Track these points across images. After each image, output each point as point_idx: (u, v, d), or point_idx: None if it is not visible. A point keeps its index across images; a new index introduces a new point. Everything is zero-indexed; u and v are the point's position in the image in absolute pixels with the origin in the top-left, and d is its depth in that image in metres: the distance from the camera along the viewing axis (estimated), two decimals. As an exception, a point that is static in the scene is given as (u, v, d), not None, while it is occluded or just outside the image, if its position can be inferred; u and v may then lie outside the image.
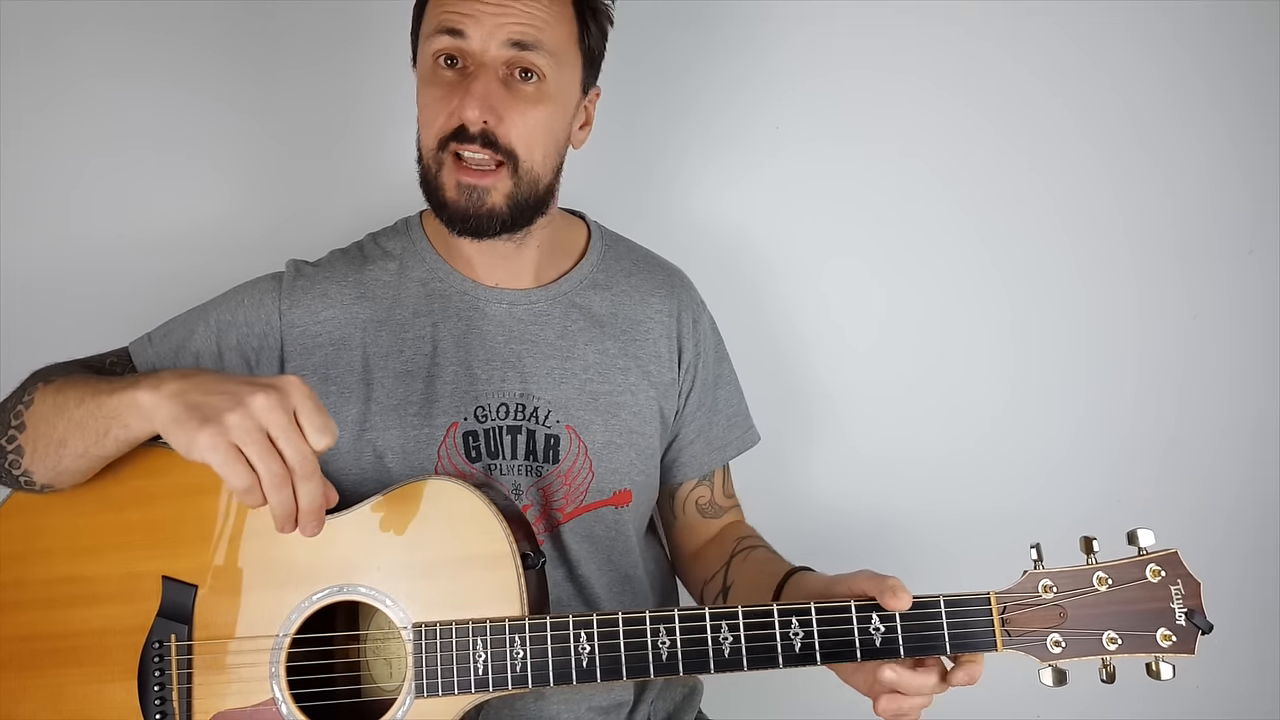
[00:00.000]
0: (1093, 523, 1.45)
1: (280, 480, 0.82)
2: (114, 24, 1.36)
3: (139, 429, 0.90)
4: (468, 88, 1.04)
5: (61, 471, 0.97)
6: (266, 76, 1.40)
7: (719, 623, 0.90)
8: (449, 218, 1.09)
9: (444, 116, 1.05)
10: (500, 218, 1.08)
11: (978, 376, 1.51)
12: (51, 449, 0.95)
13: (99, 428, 0.92)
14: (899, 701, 0.91)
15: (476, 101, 1.03)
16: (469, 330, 1.14)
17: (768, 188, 1.48)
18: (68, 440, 0.94)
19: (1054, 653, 0.88)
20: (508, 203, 1.07)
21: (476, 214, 1.07)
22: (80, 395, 0.95)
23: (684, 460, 1.25)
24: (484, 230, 1.08)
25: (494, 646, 0.92)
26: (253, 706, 0.95)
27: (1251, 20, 1.50)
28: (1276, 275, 1.54)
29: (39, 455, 0.97)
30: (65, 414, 0.95)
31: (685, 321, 1.23)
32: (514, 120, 1.05)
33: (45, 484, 0.99)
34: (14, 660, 0.98)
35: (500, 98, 1.04)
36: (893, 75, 1.47)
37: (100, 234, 1.36)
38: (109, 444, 0.93)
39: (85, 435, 0.93)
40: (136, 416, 0.89)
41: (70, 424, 0.94)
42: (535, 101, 1.06)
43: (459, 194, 1.06)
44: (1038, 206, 1.50)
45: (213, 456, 0.81)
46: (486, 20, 1.03)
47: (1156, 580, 0.89)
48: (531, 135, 1.06)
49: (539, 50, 1.05)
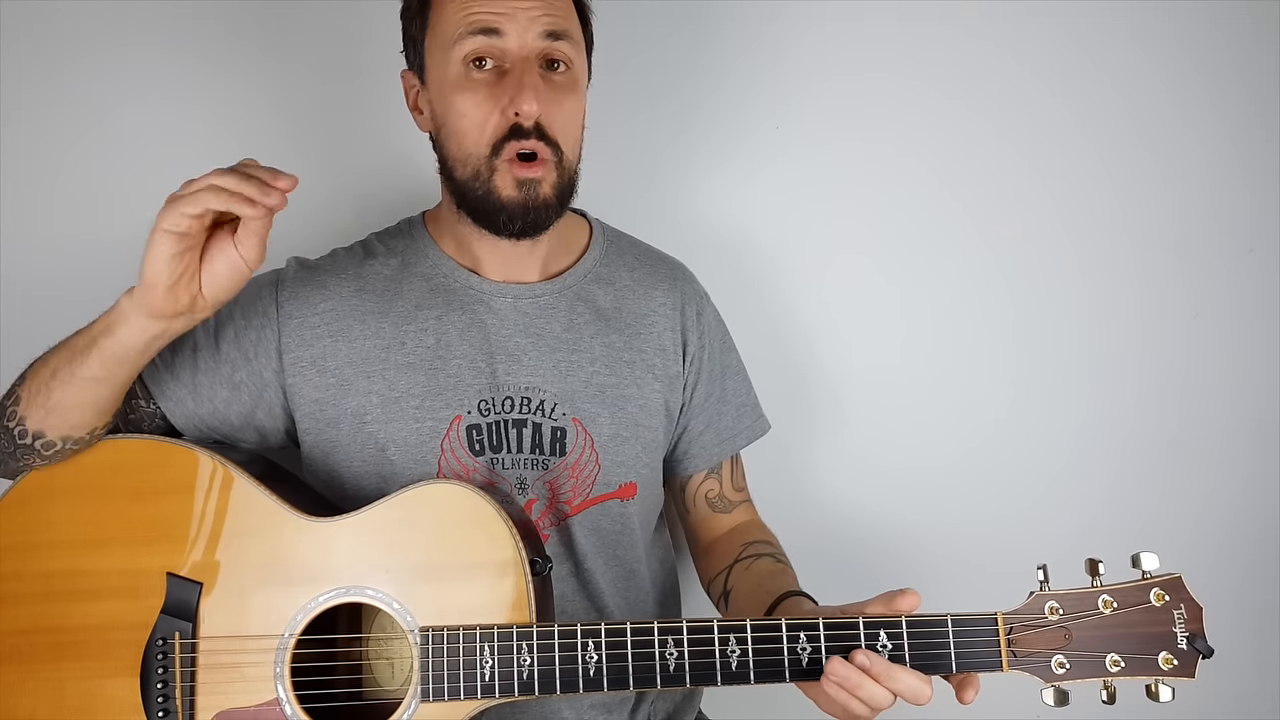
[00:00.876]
0: (1095, 524, 1.50)
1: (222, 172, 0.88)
2: (114, 23, 1.33)
3: (125, 333, 0.94)
4: (518, 82, 1.02)
5: (51, 407, 0.97)
6: (267, 76, 1.37)
7: (727, 636, 0.91)
8: (508, 218, 1.05)
9: (496, 117, 1.03)
10: (553, 208, 1.07)
11: (980, 377, 1.51)
12: (43, 384, 0.97)
13: (84, 345, 0.96)
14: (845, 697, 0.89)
15: (533, 94, 1.01)
16: (473, 323, 1.12)
17: (772, 189, 1.47)
18: (58, 368, 0.97)
19: (1058, 674, 0.89)
20: (556, 193, 1.06)
21: (535, 207, 1.05)
22: (74, 332, 0.99)
23: (694, 452, 1.25)
24: (541, 224, 1.07)
25: (501, 653, 0.92)
26: (256, 706, 0.95)
27: (1251, 20, 1.49)
28: (1277, 274, 1.55)
29: (31, 394, 0.98)
30: (61, 348, 0.99)
31: (689, 314, 1.22)
32: (556, 110, 1.04)
33: (37, 431, 0.98)
34: (14, 654, 0.97)
35: (545, 91, 1.03)
36: (893, 76, 1.46)
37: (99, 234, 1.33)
38: (94, 361, 0.95)
39: (73, 358, 0.96)
40: (119, 320, 0.93)
41: (62, 352, 0.98)
42: (569, 90, 1.06)
43: (518, 190, 1.04)
44: (1039, 207, 1.50)
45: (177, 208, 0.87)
46: (521, 15, 1.02)
47: (1160, 604, 0.89)
48: (568, 124, 1.06)
49: (568, 39, 1.05)
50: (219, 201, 0.87)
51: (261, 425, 1.11)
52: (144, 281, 0.90)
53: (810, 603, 1.06)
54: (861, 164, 1.47)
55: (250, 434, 1.11)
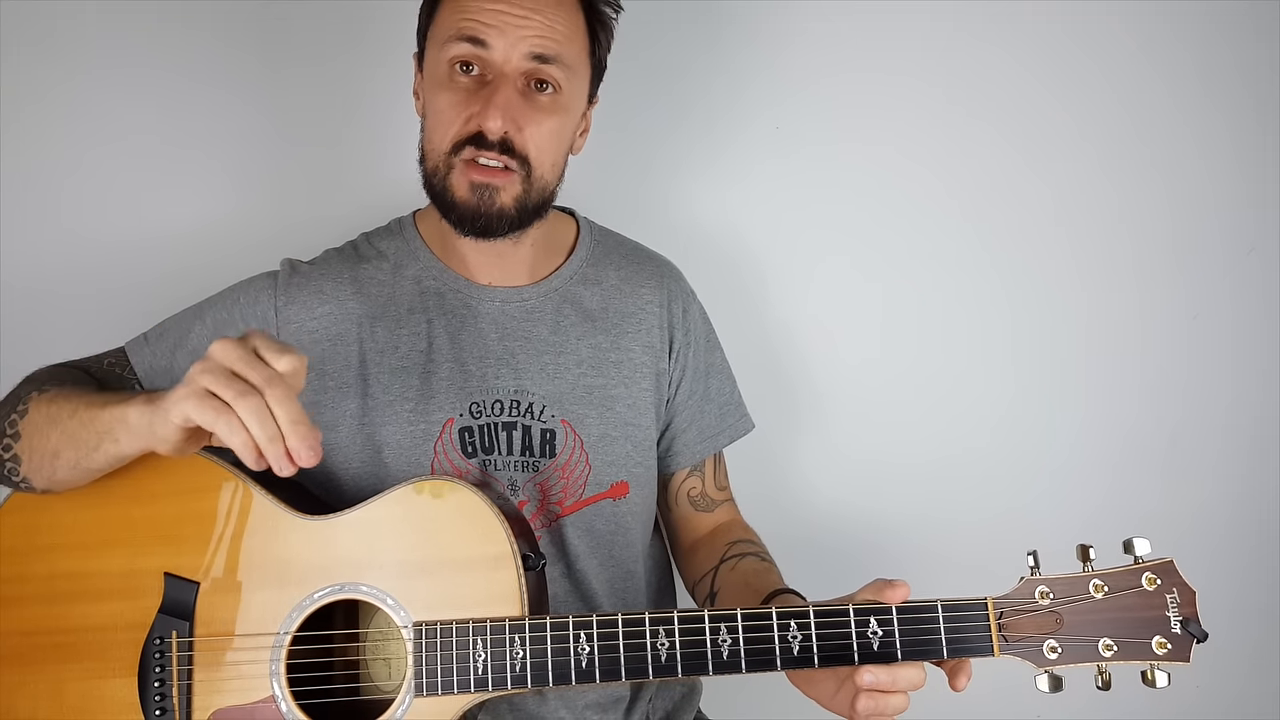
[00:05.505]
0: (1093, 523, 1.48)
1: (255, 405, 0.80)
2: (114, 22, 1.35)
3: (128, 445, 0.92)
4: (490, 98, 1.04)
5: (57, 481, 0.98)
6: (266, 76, 1.39)
7: (718, 625, 0.91)
8: (459, 218, 1.09)
9: (461, 122, 1.05)
10: (508, 218, 1.08)
11: (976, 378, 1.51)
12: (46, 459, 0.97)
13: (90, 441, 0.94)
14: (879, 700, 0.90)
15: (499, 113, 1.03)
16: (463, 327, 1.14)
17: (766, 189, 1.48)
18: (61, 451, 0.96)
19: (1050, 658, 0.89)
20: (515, 205, 1.08)
21: (487, 213, 1.07)
22: (74, 407, 0.96)
23: (677, 449, 1.25)
24: (493, 230, 1.09)
25: (494, 646, 0.92)
26: (252, 704, 0.95)
27: (1251, 20, 1.50)
28: (1276, 275, 1.55)
29: (34, 464, 0.98)
30: (58, 425, 0.96)
31: (675, 311, 1.23)
32: (531, 131, 1.06)
33: (45, 489, 1.00)
34: (15, 655, 0.98)
35: (519, 108, 1.05)
36: (890, 76, 1.47)
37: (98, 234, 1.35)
38: (99, 458, 0.94)
39: (78, 448, 0.95)
40: (125, 432, 0.91)
41: (63, 436, 0.96)
42: (550, 113, 1.07)
43: (471, 193, 1.06)
44: (1037, 207, 1.51)
45: (188, 406, 0.82)
46: (510, 32, 1.04)
47: (1152, 588, 0.89)
48: (545, 144, 1.07)
49: (558, 63, 1.06)
50: (234, 443, 0.82)
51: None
52: (154, 430, 0.87)
53: (799, 599, 1.06)
54: (855, 164, 1.48)
55: None
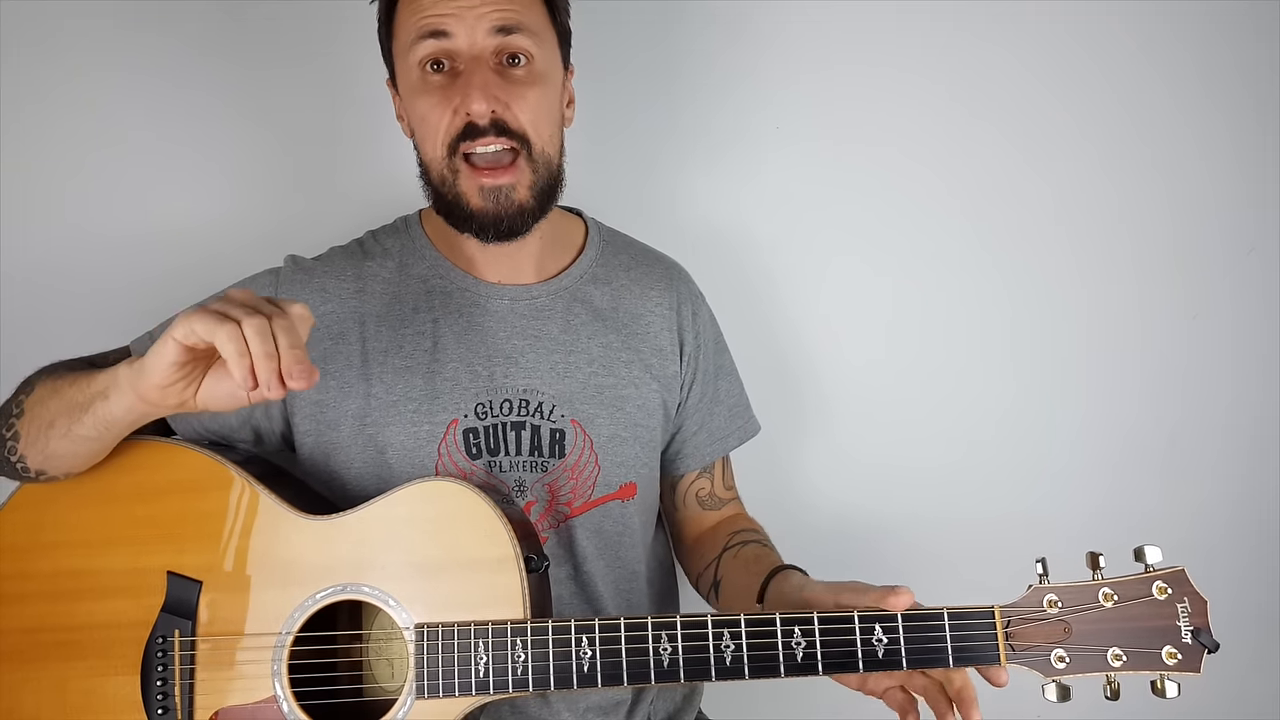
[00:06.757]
0: (1094, 524, 1.48)
1: (258, 323, 0.83)
2: (113, 22, 1.35)
3: (116, 402, 0.92)
4: (467, 82, 1.03)
5: (50, 454, 0.98)
6: (266, 74, 1.39)
7: (721, 630, 0.90)
8: (479, 227, 1.07)
9: (448, 118, 1.04)
10: (530, 211, 1.07)
11: (978, 377, 1.50)
12: (42, 430, 0.98)
13: (83, 403, 0.95)
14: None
15: (480, 93, 1.02)
16: (470, 326, 1.13)
17: (769, 187, 1.47)
18: (56, 420, 0.97)
19: (1058, 668, 0.88)
20: (532, 193, 1.07)
21: (509, 214, 1.06)
22: (74, 378, 0.98)
23: (687, 452, 1.25)
24: (518, 229, 1.08)
25: (495, 649, 0.92)
26: (254, 704, 0.95)
27: (1251, 20, 1.49)
28: (1276, 275, 1.53)
29: (31, 438, 0.99)
30: (58, 394, 0.98)
31: (685, 314, 1.23)
32: (519, 104, 1.04)
33: (38, 469, 1.00)
34: (18, 652, 0.99)
35: (499, 85, 1.04)
36: (892, 75, 1.46)
37: (99, 232, 1.35)
38: (89, 421, 0.94)
39: (71, 413, 0.96)
40: (115, 388, 0.92)
41: (60, 402, 0.97)
42: (531, 83, 1.06)
43: (485, 199, 1.05)
44: (1038, 207, 1.50)
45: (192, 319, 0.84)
46: (468, 15, 1.03)
47: (1163, 598, 0.88)
48: (537, 115, 1.06)
49: (523, 32, 1.05)
50: (229, 350, 0.82)
51: (259, 426, 1.12)
52: (144, 366, 0.89)
53: (800, 574, 1.05)
54: (860, 164, 1.47)
55: (247, 434, 1.12)
